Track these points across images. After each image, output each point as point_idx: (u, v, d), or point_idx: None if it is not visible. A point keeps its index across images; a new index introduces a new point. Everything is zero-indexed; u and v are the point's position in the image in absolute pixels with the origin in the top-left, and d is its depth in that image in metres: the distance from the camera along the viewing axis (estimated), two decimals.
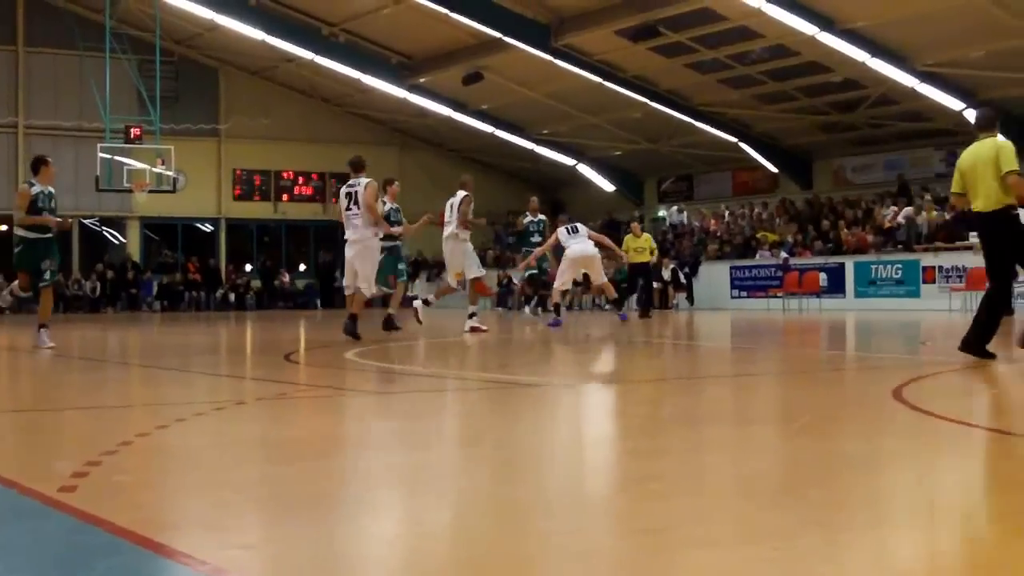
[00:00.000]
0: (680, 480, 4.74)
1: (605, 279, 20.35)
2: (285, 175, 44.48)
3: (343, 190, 15.80)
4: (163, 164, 34.04)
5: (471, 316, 18.09)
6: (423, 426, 6.85)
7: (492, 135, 41.32)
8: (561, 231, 19.94)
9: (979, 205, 10.29)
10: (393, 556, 3.61)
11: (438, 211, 20.14)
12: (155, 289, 41.57)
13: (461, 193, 18.83)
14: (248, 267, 44.77)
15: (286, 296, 43.70)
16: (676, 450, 5.63)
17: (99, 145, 34.01)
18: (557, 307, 20.61)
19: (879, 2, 26.38)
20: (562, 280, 20.03)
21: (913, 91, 30.30)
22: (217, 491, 4.56)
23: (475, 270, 18.28)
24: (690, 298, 34.06)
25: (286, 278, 44.24)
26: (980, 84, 29.98)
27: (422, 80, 37.74)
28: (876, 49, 28.77)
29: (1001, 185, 10.19)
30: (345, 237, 15.65)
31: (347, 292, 16.15)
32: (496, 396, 8.72)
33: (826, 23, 27.80)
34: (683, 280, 34.18)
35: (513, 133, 41.30)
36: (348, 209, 15.47)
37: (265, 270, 44.46)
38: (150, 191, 34.69)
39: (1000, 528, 3.97)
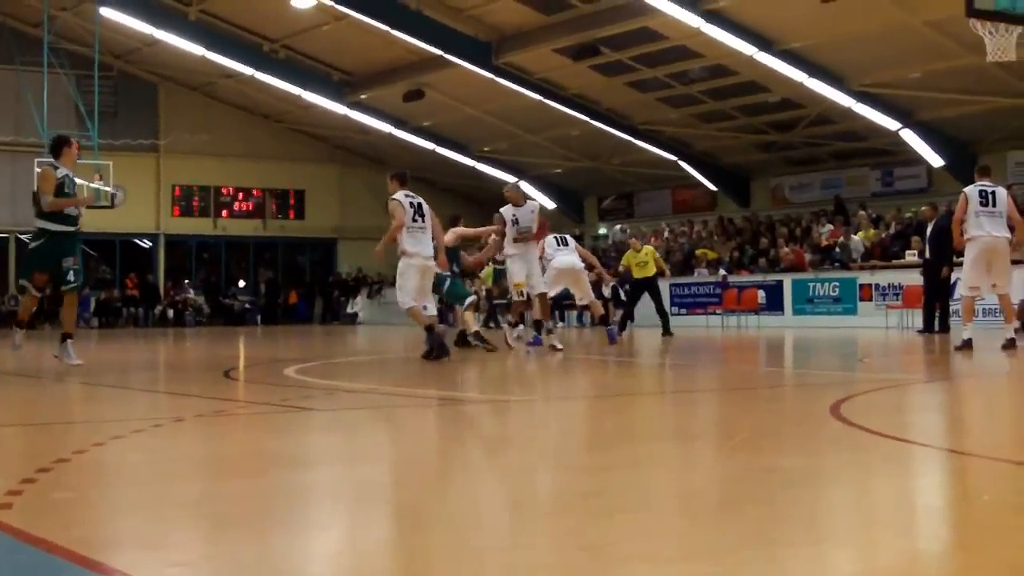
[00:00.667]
0: (622, 496, 4.75)
1: (592, 297, 19.81)
2: (225, 191, 44.30)
3: (406, 200, 14.55)
4: (101, 180, 33.72)
5: (549, 332, 17.22)
6: (363, 442, 6.82)
7: (433, 152, 41.35)
8: (550, 240, 18.93)
9: None
10: (333, 573, 3.60)
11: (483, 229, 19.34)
12: (92, 305, 41.17)
13: (532, 204, 17.30)
14: (187, 283, 44.49)
15: (226, 312, 43.45)
16: (617, 466, 5.64)
17: (36, 160, 33.65)
18: (538, 324, 18.34)
19: (816, 23, 26.67)
20: (549, 290, 18.63)
21: (850, 111, 30.67)
22: (155, 508, 4.52)
23: (543, 286, 17.27)
24: (631, 315, 34.13)
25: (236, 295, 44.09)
26: (915, 104, 30.39)
27: (363, 97, 37.73)
28: (813, 69, 29.10)
29: None
30: (406, 250, 14.51)
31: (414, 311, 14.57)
32: (437, 413, 8.71)
33: (764, 44, 28.09)
34: (623, 298, 34.25)
35: (454, 150, 41.35)
36: (415, 221, 14.46)
37: (207, 286, 44.20)
38: (88, 207, 34.30)
39: (937, 543, 4.02)
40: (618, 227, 41.93)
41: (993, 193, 14.15)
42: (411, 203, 14.32)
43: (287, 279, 46.31)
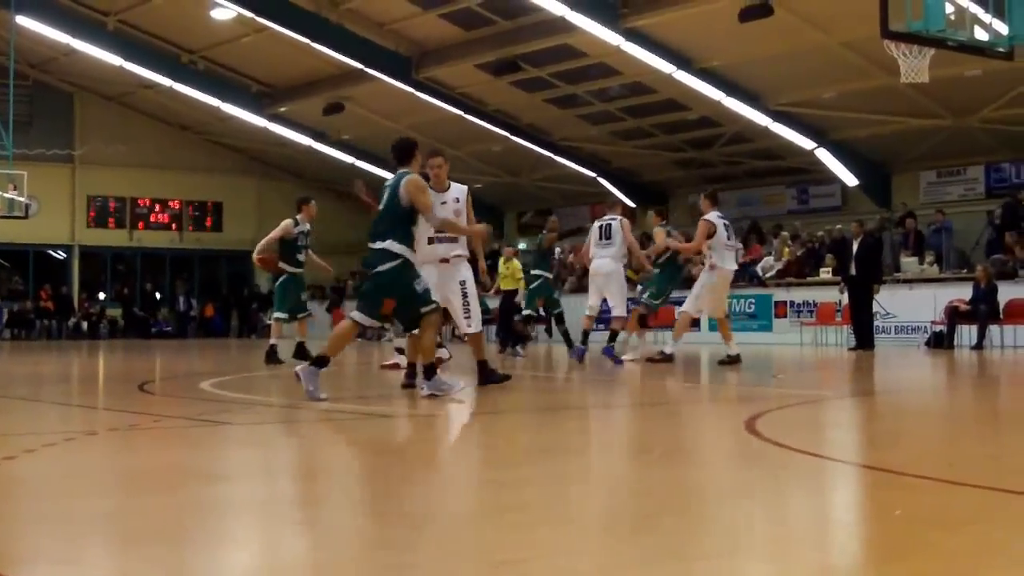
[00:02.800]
0: (540, 511, 4.77)
1: (623, 311, 17.09)
2: (141, 202, 43.82)
3: (598, 224, 15.22)
4: (15, 190, 33.28)
5: (631, 348, 16.64)
6: (279, 457, 6.80)
7: (353, 166, 41.20)
8: (593, 231, 16.65)
9: None
10: None
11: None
12: (5, 317, 40.55)
13: (620, 219, 16.43)
14: (101, 295, 43.97)
15: (141, 325, 43.00)
16: (536, 481, 5.66)
17: None
18: (585, 335, 17.73)
19: (734, 43, 26.94)
20: (591, 303, 17.12)
21: (766, 130, 31.01)
22: (67, 523, 4.47)
23: (623, 305, 16.56)
24: (549, 331, 34.22)
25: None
26: (831, 124, 30.81)
27: (282, 109, 37.53)
28: (731, 88, 29.40)
29: None
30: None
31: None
32: (353, 427, 8.69)
33: (683, 62, 28.33)
34: (542, 312, 34.32)
35: (374, 164, 41.21)
36: (600, 240, 14.98)
37: (122, 299, 43.71)
38: (1, 216, 33.88)
39: (850, 558, 4.08)
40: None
41: None
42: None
43: (204, 292, 45.89)
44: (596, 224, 16.56)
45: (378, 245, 9.93)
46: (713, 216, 15.90)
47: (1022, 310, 23.09)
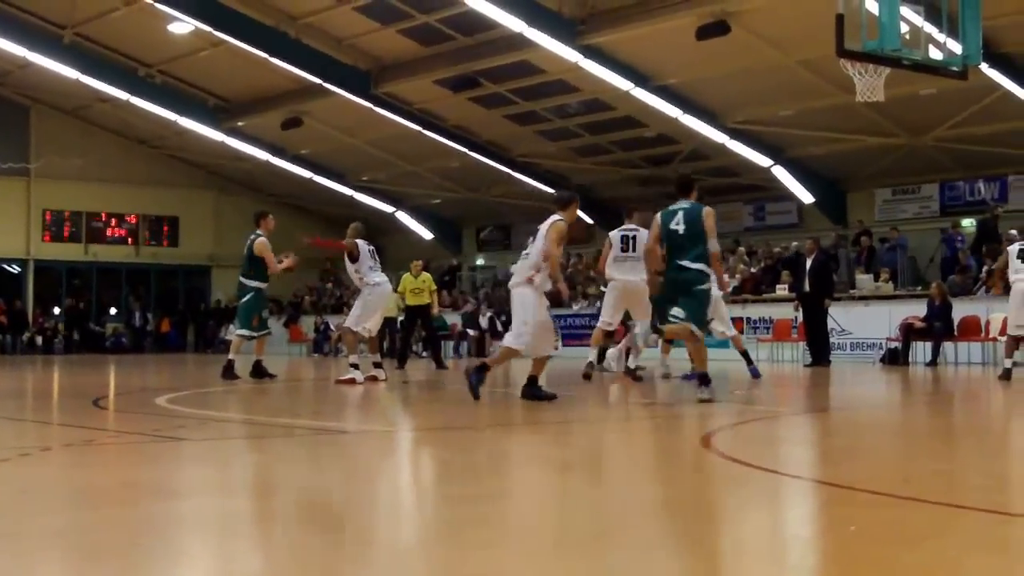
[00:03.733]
0: (497, 527, 4.77)
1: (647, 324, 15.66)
2: (97, 217, 43.53)
3: (620, 234, 15.17)
4: None
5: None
6: (234, 473, 6.77)
7: (311, 180, 41.14)
8: (615, 238, 15.58)
9: None
10: None
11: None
12: None
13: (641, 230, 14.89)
14: (57, 310, 43.63)
15: (97, 340, 42.71)
16: (491, 497, 5.67)
17: None
18: (602, 352, 16.84)
19: (692, 60, 27.08)
20: (607, 318, 15.87)
21: (723, 147, 31.17)
22: (22, 540, 4.43)
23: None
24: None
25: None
26: (787, 142, 31.01)
27: (240, 124, 37.40)
28: (688, 106, 29.55)
29: None
30: (613, 277, 15.02)
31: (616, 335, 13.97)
32: (310, 443, 8.66)
33: (641, 79, 28.44)
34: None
35: (332, 179, 41.19)
36: (624, 251, 14.85)
37: (77, 313, 43.38)
38: None
39: (806, 573, 4.10)
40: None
41: None
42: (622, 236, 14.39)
43: (160, 307, 45.62)
44: (617, 234, 15.70)
45: (694, 265, 11.64)
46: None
47: (976, 327, 23.27)
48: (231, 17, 29.40)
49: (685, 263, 11.58)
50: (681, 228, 11.76)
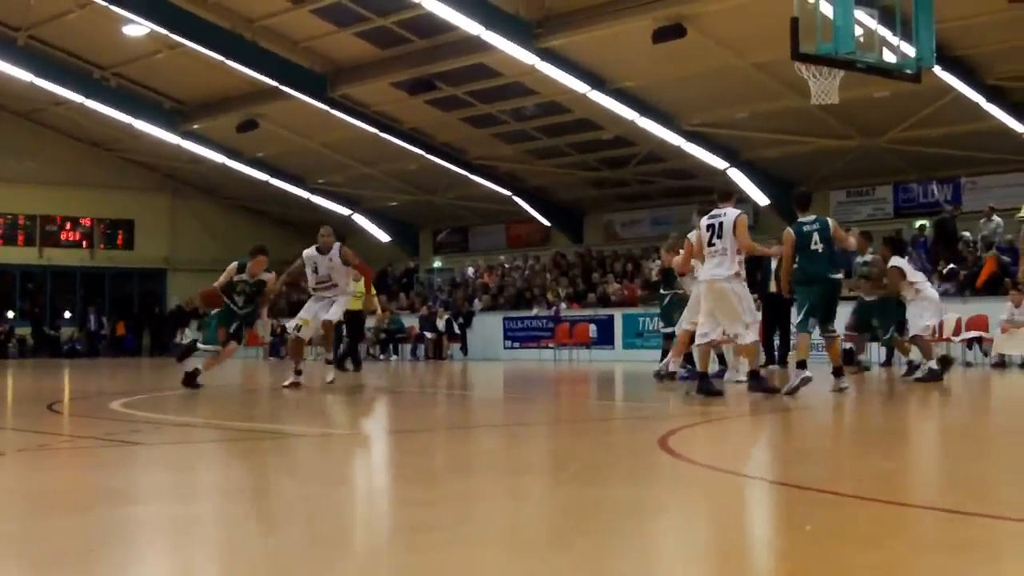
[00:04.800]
0: (453, 530, 4.77)
1: (748, 336, 12.81)
2: (52, 220, 43.19)
3: (705, 221, 13.11)
4: None
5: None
6: (189, 477, 6.73)
7: (267, 183, 40.99)
8: (702, 225, 13.25)
9: None
10: None
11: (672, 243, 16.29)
12: None
13: (731, 212, 13.02)
14: (11, 314, 43.24)
15: (51, 344, 42.38)
16: (449, 500, 5.66)
17: None
18: (687, 358, 15.18)
19: (648, 64, 27.17)
20: (691, 317, 14.09)
21: (679, 150, 31.29)
22: None
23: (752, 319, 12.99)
24: (464, 348, 34.30)
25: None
26: (742, 144, 31.17)
27: (196, 127, 37.21)
28: (644, 108, 29.65)
29: None
30: (696, 275, 13.64)
31: (704, 340, 12.80)
32: (267, 447, 8.63)
33: (597, 82, 28.52)
34: (457, 330, 34.41)
35: (288, 182, 41.05)
36: (711, 244, 12.75)
37: (31, 317, 43.02)
38: None
39: (762, 574, 4.12)
40: (470, 268, 41.68)
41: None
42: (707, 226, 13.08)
43: (115, 310, 45.31)
44: (704, 221, 13.25)
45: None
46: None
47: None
48: (186, 19, 29.24)
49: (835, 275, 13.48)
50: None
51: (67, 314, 44.72)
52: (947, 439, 9.37)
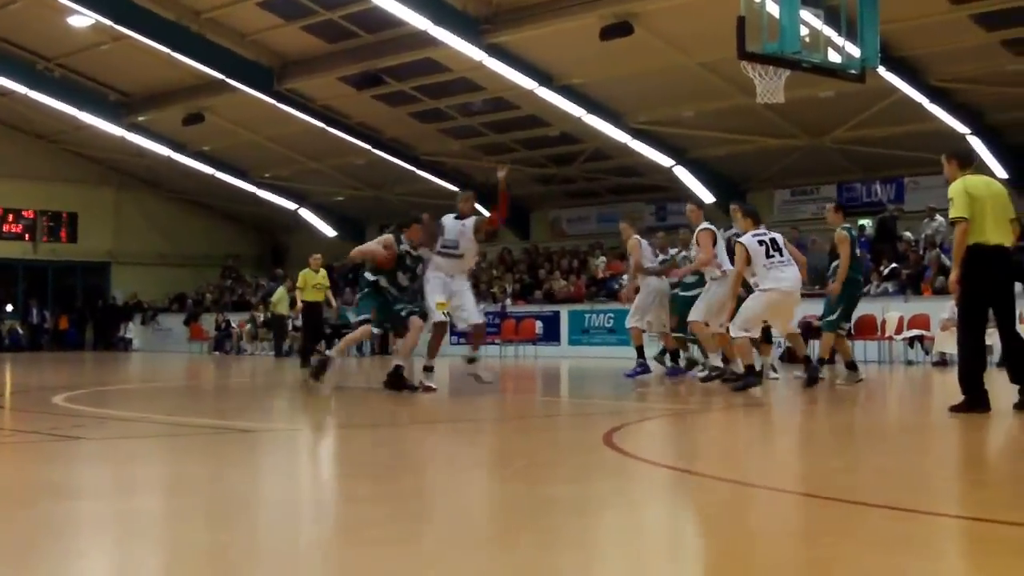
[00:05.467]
0: (397, 526, 4.78)
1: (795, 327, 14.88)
2: None
3: (755, 239, 13.64)
4: None
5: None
6: (134, 472, 6.70)
7: (213, 177, 40.75)
8: (750, 242, 13.67)
9: (1002, 239, 9.96)
10: None
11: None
12: None
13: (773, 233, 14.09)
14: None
15: None
16: (393, 496, 5.67)
17: None
18: (751, 369, 13.99)
19: (595, 61, 27.24)
20: (751, 320, 13.78)
21: (626, 147, 31.40)
22: None
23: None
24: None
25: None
26: (688, 142, 31.33)
27: (141, 119, 36.91)
28: (592, 106, 29.73)
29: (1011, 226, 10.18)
30: (759, 284, 13.71)
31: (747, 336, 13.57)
32: (211, 442, 8.60)
33: (544, 79, 28.56)
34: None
35: (234, 176, 40.85)
36: (770, 256, 13.51)
37: None
38: None
39: (706, 570, 4.16)
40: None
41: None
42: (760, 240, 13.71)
43: (58, 304, 44.90)
44: (754, 238, 13.69)
45: None
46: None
47: (872, 326, 23.67)
48: (132, 11, 28.99)
49: None
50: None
51: (9, 307, 44.27)
52: (891, 436, 9.46)
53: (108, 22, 29.63)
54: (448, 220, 14.02)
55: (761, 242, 13.62)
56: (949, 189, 10.15)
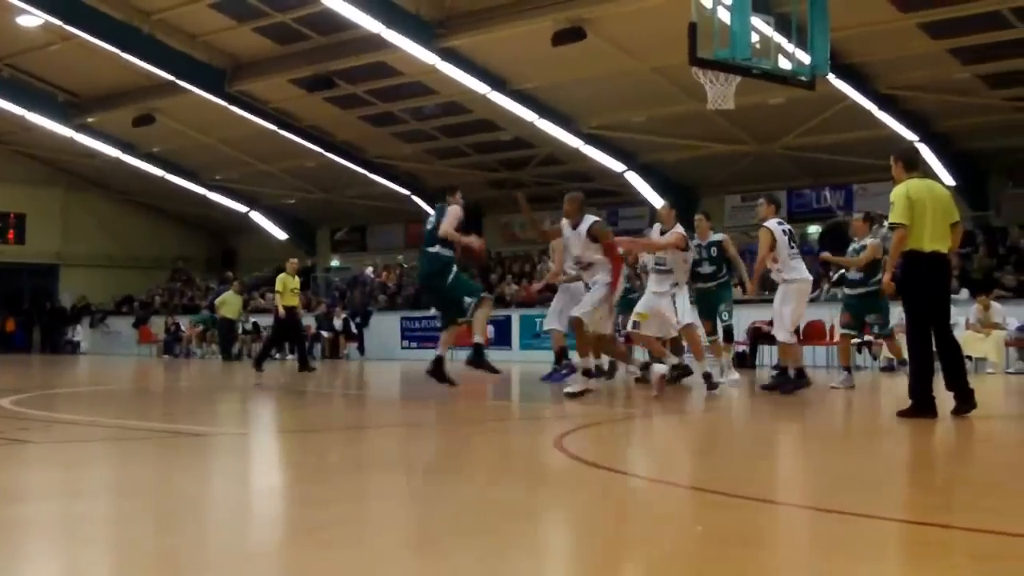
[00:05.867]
0: (347, 530, 4.77)
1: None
2: None
3: (779, 226, 13.81)
4: None
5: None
6: (81, 476, 6.65)
7: (163, 179, 40.52)
8: (776, 228, 13.93)
9: (938, 246, 10.05)
10: None
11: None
12: None
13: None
14: None
15: None
16: (344, 499, 5.66)
17: None
18: (800, 372, 14.22)
19: (547, 66, 27.30)
20: (795, 321, 14.28)
21: (578, 152, 31.51)
22: None
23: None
24: (361, 348, 34.17)
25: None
26: (639, 147, 31.45)
27: (90, 120, 36.65)
28: (544, 110, 29.80)
29: (951, 232, 10.17)
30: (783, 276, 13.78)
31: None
32: (160, 445, 8.54)
33: (497, 83, 28.61)
34: (354, 330, 34.26)
35: (185, 178, 40.63)
36: (792, 247, 13.85)
37: None
38: None
39: (648, 572, 4.18)
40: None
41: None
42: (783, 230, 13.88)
43: (4, 306, 44.46)
44: (779, 227, 13.96)
45: None
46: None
47: (820, 332, 23.82)
48: (82, 11, 28.80)
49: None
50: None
51: None
52: (838, 440, 9.53)
53: (57, 22, 29.42)
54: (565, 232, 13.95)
55: (784, 231, 13.80)
56: (891, 193, 10.28)
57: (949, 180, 27.99)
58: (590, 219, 13.48)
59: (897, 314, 14.15)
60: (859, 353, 24.06)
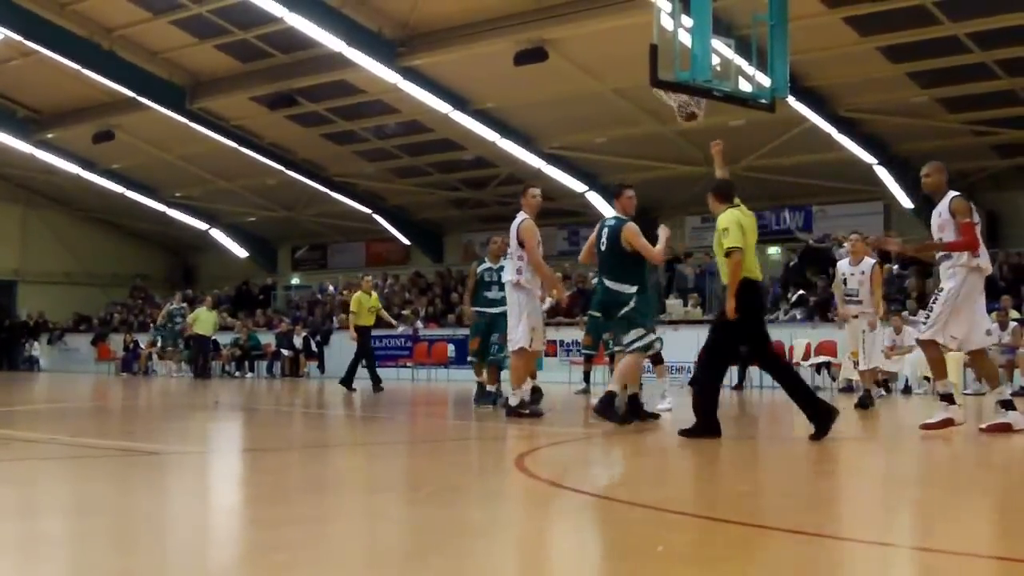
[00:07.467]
0: (305, 550, 4.76)
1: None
2: None
3: None
4: None
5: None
6: (38, 494, 6.60)
7: (123, 196, 40.29)
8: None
9: (757, 272, 10.51)
10: None
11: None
12: None
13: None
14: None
15: None
16: (302, 519, 5.64)
17: None
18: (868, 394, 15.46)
19: (510, 85, 27.38)
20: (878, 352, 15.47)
21: (539, 172, 31.53)
22: None
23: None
24: (321, 366, 34.03)
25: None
26: (600, 168, 31.55)
27: (50, 136, 36.43)
28: (506, 130, 29.89)
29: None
30: None
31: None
32: (115, 464, 8.49)
33: (459, 103, 28.66)
34: (315, 349, 34.14)
35: (145, 195, 40.42)
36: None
37: None
38: None
39: None
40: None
41: None
42: None
43: None
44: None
45: None
46: None
47: (779, 352, 23.86)
48: (42, 27, 28.64)
49: None
50: None
51: None
52: (797, 461, 9.57)
53: (18, 37, 29.22)
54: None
55: None
56: (721, 219, 10.46)
57: (908, 203, 28.24)
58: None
59: (887, 334, 14.26)
60: (818, 374, 24.22)
